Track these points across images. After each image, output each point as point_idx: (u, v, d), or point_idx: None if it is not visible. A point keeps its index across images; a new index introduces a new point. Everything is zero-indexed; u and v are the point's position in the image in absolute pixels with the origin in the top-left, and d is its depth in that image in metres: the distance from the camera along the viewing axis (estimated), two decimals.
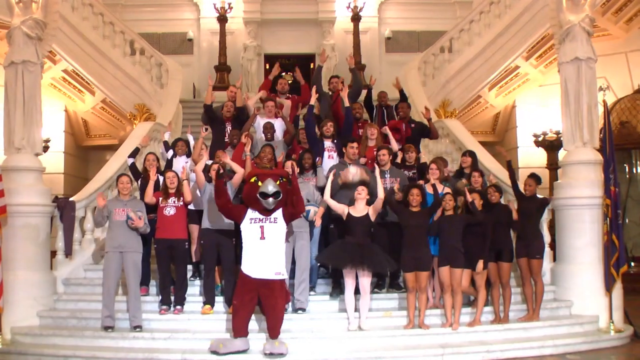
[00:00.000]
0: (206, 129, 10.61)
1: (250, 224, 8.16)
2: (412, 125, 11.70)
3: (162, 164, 10.71)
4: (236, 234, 8.68)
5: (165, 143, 11.11)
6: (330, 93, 11.97)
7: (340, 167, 9.66)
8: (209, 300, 9.08)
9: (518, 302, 9.55)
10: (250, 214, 8.18)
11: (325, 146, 10.39)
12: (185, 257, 9.28)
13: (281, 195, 8.10)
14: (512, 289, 9.32)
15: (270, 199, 8.04)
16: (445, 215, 8.97)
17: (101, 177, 11.36)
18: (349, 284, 8.78)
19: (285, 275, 8.25)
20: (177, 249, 9.10)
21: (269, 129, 10.85)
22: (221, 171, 8.54)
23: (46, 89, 15.84)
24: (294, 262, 9.01)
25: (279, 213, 8.19)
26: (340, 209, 8.90)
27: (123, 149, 12.25)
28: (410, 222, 8.79)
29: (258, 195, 8.03)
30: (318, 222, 9.08)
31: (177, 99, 15.73)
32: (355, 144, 9.84)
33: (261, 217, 8.13)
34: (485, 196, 9.20)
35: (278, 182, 8.13)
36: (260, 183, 8.08)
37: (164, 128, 12.60)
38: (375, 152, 10.08)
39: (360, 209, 8.83)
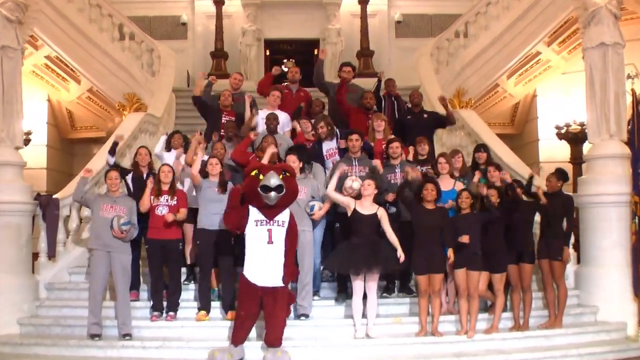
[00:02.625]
0: (200, 133, 10.51)
1: (255, 227, 8.15)
2: (425, 115, 11.68)
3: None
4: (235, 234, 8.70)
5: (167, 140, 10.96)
6: (336, 82, 11.98)
7: (345, 163, 9.61)
8: (204, 306, 9.07)
9: (539, 307, 9.54)
10: (255, 215, 8.16)
11: (325, 150, 10.33)
12: (179, 258, 9.27)
13: (284, 190, 8.07)
14: (532, 294, 9.29)
15: (273, 193, 8.02)
16: (460, 214, 8.94)
17: None
18: (358, 288, 8.74)
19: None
20: (171, 250, 9.09)
21: (272, 120, 10.72)
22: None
23: (27, 76, 15.83)
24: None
25: (286, 216, 8.18)
26: (346, 202, 8.87)
27: (111, 142, 12.19)
28: (423, 219, 8.76)
29: (259, 189, 8.00)
30: (318, 215, 9.04)
31: (169, 87, 15.74)
32: (355, 136, 9.70)
33: (267, 219, 8.12)
34: (502, 192, 9.15)
35: (281, 177, 8.11)
36: (262, 176, 8.05)
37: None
38: (383, 145, 10.05)
39: (367, 206, 8.80)
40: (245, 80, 17.61)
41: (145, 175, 9.79)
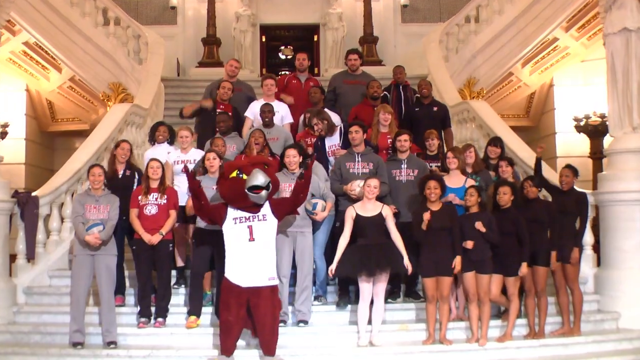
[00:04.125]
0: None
1: (235, 225, 8.12)
2: (435, 107, 11.67)
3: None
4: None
5: (151, 133, 10.91)
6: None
7: (347, 158, 9.63)
8: (195, 310, 9.04)
9: (553, 313, 9.53)
10: (233, 213, 8.12)
11: (327, 147, 10.31)
12: (168, 261, 9.25)
13: (271, 186, 8.07)
14: (547, 299, 9.28)
15: (263, 192, 7.99)
16: (468, 213, 8.93)
17: (69, 168, 11.31)
18: (366, 292, 8.71)
19: (277, 280, 8.24)
20: (160, 251, 9.06)
21: (267, 112, 10.65)
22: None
23: (4, 64, 15.88)
24: (294, 267, 9.00)
25: (266, 209, 8.17)
26: (348, 215, 8.81)
27: (95, 135, 12.20)
28: (430, 221, 8.74)
29: (247, 190, 7.97)
30: (321, 216, 9.00)
31: (158, 76, 15.70)
32: (356, 128, 9.63)
33: (247, 215, 8.10)
34: (516, 190, 9.14)
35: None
36: (245, 176, 8.01)
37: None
38: (389, 140, 10.04)
39: (369, 208, 8.78)
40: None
41: (120, 174, 9.73)
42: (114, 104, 15.00)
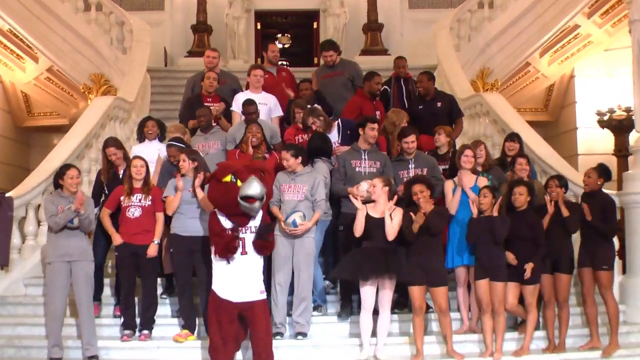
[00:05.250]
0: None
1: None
2: (439, 103, 11.64)
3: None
4: None
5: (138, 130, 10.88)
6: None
7: (352, 155, 9.58)
8: (189, 324, 9.01)
9: (577, 325, 9.51)
10: (223, 222, 8.03)
11: None
12: (154, 267, 9.21)
13: (265, 198, 8.02)
14: (570, 309, 9.27)
15: (257, 203, 7.91)
16: (482, 215, 8.90)
17: (47, 167, 11.27)
18: (369, 301, 8.68)
19: (265, 294, 8.16)
20: (144, 257, 9.03)
21: (247, 106, 10.48)
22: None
23: None
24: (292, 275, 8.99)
25: (258, 220, 8.09)
26: (359, 221, 8.75)
27: (75, 131, 12.19)
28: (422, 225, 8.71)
29: (240, 199, 7.91)
30: (305, 226, 8.89)
31: (143, 67, 15.70)
32: (376, 125, 9.68)
33: (238, 227, 8.02)
34: (533, 190, 9.11)
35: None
36: (239, 182, 7.94)
37: None
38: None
39: (379, 209, 8.76)
40: (232, 58, 17.78)
41: (121, 174, 9.69)
42: (96, 96, 14.99)
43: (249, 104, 10.56)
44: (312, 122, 10.08)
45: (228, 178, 7.99)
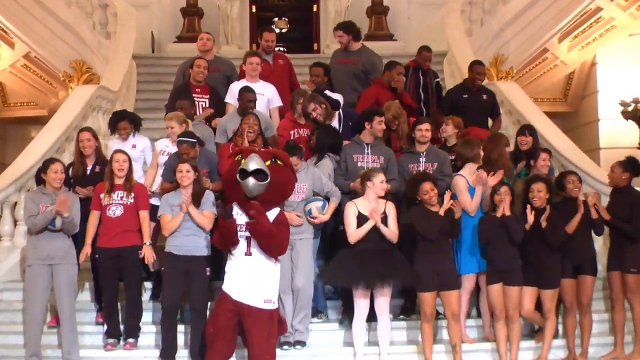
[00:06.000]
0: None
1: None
2: (485, 95, 11.65)
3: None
4: (213, 260, 8.72)
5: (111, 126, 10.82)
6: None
7: (354, 149, 9.58)
8: (168, 355, 8.81)
9: (600, 332, 9.52)
10: (236, 216, 8.02)
11: None
12: (138, 270, 9.16)
13: (268, 178, 7.91)
14: (592, 315, 9.27)
15: (250, 180, 7.85)
16: (495, 215, 8.90)
17: (24, 162, 11.28)
18: (363, 308, 8.71)
19: (276, 304, 8.08)
20: (127, 259, 8.99)
21: (246, 94, 10.49)
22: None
23: None
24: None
25: (270, 218, 8.01)
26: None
27: (54, 122, 12.19)
28: (431, 225, 8.71)
29: (237, 174, 7.82)
30: (320, 219, 8.97)
31: (129, 53, 15.65)
32: (384, 118, 9.67)
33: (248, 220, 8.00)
34: (552, 186, 9.10)
35: (268, 163, 7.97)
36: (243, 160, 7.94)
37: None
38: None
39: (370, 205, 8.74)
40: (225, 44, 17.75)
41: (89, 170, 9.70)
42: (77, 85, 15.00)
43: (248, 90, 10.57)
44: (312, 109, 10.06)
45: (237, 157, 8.03)
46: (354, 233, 8.62)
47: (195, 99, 11.14)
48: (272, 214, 7.99)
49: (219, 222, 8.11)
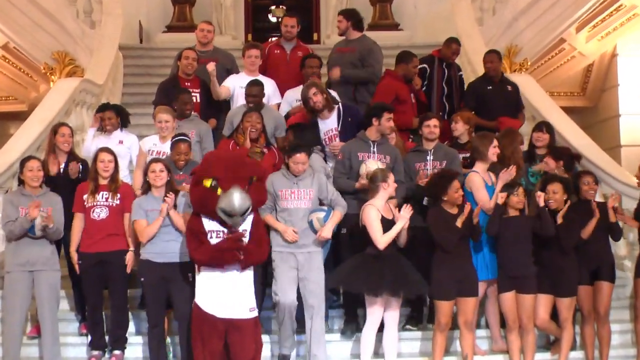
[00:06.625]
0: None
1: (209, 240, 7.98)
2: (509, 87, 11.66)
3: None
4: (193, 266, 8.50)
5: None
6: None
7: (359, 147, 9.54)
8: None
9: (625, 344, 9.56)
10: (207, 224, 7.98)
11: (322, 130, 10.19)
12: (124, 276, 9.13)
13: (251, 208, 7.88)
14: (613, 325, 9.27)
15: (237, 219, 7.83)
16: (506, 216, 8.89)
17: (2, 160, 11.24)
18: (376, 316, 8.64)
19: (256, 311, 8.11)
20: (113, 264, 8.98)
21: (252, 88, 10.44)
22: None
23: None
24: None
25: (248, 223, 8.03)
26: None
27: (35, 118, 12.18)
28: (451, 229, 8.68)
29: (218, 209, 7.81)
30: (325, 235, 8.82)
31: (115, 43, 15.64)
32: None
33: (224, 229, 7.96)
34: (570, 187, 9.10)
35: (246, 188, 7.93)
36: (219, 191, 7.88)
37: None
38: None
39: (386, 209, 8.76)
40: (219, 34, 17.73)
41: (62, 169, 9.66)
42: (59, 78, 14.99)
43: (254, 84, 10.51)
44: (313, 93, 10.02)
45: (208, 183, 7.88)
46: (383, 238, 8.53)
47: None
48: (248, 221, 8.02)
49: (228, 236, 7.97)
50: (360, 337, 8.82)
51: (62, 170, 9.62)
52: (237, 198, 7.72)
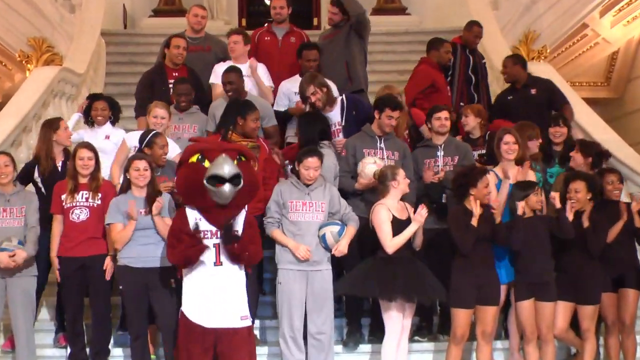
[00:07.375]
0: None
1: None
2: (533, 90, 11.61)
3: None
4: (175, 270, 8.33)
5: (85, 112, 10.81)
6: None
7: (365, 142, 9.53)
8: None
9: None
10: (192, 222, 7.84)
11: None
12: (106, 283, 9.05)
13: (242, 181, 7.77)
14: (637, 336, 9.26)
15: (227, 186, 7.75)
16: (521, 217, 8.83)
17: None
18: (397, 324, 8.56)
19: (250, 320, 8.03)
20: (94, 270, 8.92)
21: (229, 77, 10.35)
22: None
23: None
24: None
25: (239, 223, 7.94)
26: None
27: (9, 110, 12.19)
28: (472, 231, 8.66)
29: (205, 181, 7.74)
30: (340, 251, 8.75)
31: (97, 29, 15.68)
32: (396, 114, 9.48)
33: (213, 229, 7.88)
34: (595, 185, 9.07)
35: (236, 162, 7.87)
36: (207, 162, 7.85)
37: None
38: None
39: (399, 208, 8.73)
40: (210, 19, 17.72)
41: (60, 165, 9.65)
42: (36, 67, 15.04)
43: (230, 70, 10.45)
44: (311, 92, 9.99)
45: (194, 158, 7.79)
46: (393, 242, 8.50)
47: (171, 84, 11.01)
48: (240, 218, 7.93)
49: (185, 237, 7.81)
50: (368, 350, 8.84)
51: (60, 167, 9.59)
52: (226, 161, 7.60)
